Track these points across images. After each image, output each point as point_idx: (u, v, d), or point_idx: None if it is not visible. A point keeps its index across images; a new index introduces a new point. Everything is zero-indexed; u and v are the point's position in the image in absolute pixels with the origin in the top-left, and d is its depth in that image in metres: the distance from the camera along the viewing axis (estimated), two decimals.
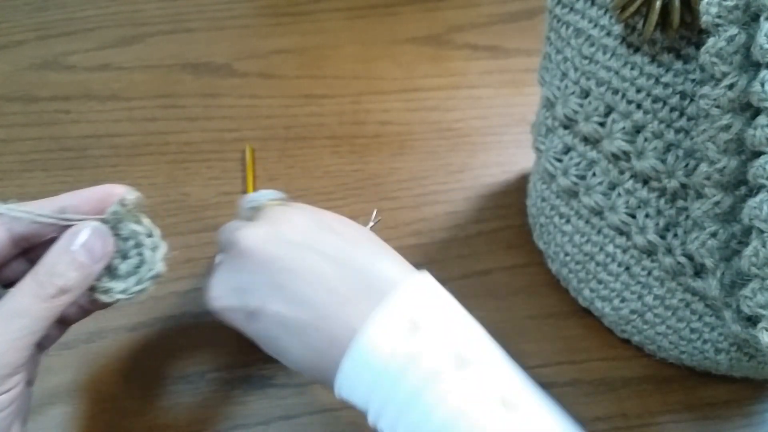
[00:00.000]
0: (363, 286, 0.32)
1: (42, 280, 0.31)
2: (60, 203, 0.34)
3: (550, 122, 0.44)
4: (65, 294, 0.32)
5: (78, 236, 0.33)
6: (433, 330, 0.31)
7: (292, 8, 0.69)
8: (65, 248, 0.32)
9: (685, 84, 0.35)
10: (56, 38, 0.64)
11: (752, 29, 0.29)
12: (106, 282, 0.34)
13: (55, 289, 0.31)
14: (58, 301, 0.32)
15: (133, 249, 0.35)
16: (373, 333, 0.31)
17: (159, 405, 0.42)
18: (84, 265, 0.32)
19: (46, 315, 0.31)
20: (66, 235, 0.33)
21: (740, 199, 0.33)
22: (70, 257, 0.32)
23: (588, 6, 0.39)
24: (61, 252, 0.32)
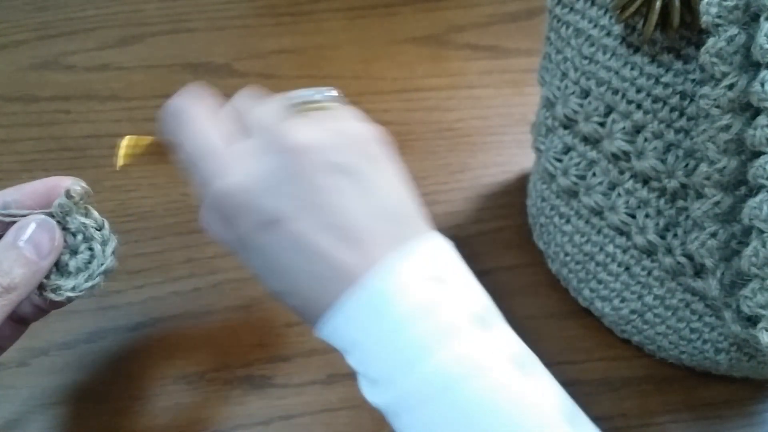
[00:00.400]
0: (392, 229, 0.30)
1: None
2: (2, 198, 0.33)
3: (550, 122, 0.44)
4: (11, 293, 0.30)
5: (24, 231, 0.31)
6: (454, 286, 0.29)
7: (292, 8, 0.69)
8: (11, 243, 0.31)
9: (685, 84, 0.35)
10: (56, 38, 0.64)
11: (752, 29, 0.29)
12: (55, 279, 0.33)
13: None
14: (3, 300, 0.30)
15: (83, 243, 0.34)
16: (389, 273, 0.28)
17: (159, 405, 0.42)
18: (31, 262, 0.31)
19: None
20: (12, 230, 0.31)
21: (740, 199, 0.33)
22: (15, 253, 0.31)
23: (588, 6, 0.39)
24: (6, 247, 0.31)
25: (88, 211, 0.34)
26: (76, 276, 0.33)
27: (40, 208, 0.33)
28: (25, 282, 0.31)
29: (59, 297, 0.33)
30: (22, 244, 0.31)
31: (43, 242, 0.32)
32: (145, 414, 0.41)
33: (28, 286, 0.31)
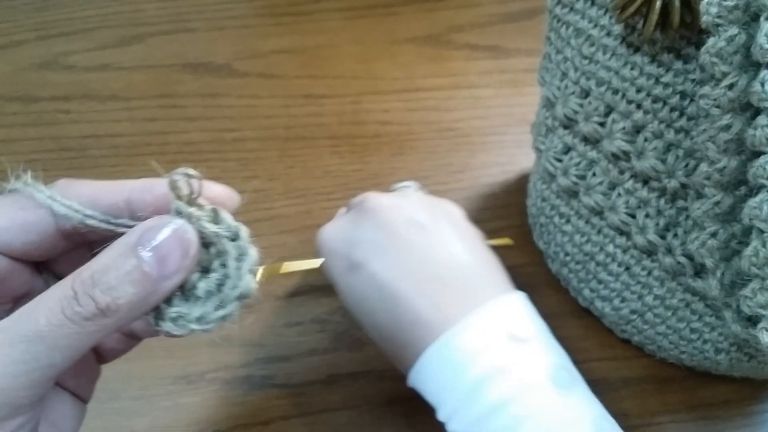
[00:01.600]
0: (466, 285, 0.32)
1: (79, 290, 0.22)
2: (124, 196, 0.25)
3: (550, 122, 0.44)
4: (109, 316, 0.22)
5: (152, 236, 0.23)
6: (530, 346, 0.31)
7: (292, 8, 0.69)
8: (129, 249, 0.23)
9: (685, 84, 0.35)
10: (56, 38, 0.64)
11: (752, 29, 0.29)
12: (177, 306, 0.24)
13: (93, 308, 0.22)
14: (94, 326, 0.22)
15: (216, 259, 0.25)
16: (467, 331, 0.30)
17: (159, 405, 0.42)
18: (149, 280, 0.23)
19: (73, 344, 0.22)
20: (136, 230, 0.23)
21: (740, 199, 0.33)
22: (130, 262, 0.23)
23: (588, 6, 0.39)
24: (119, 254, 0.23)
25: (216, 215, 0.25)
26: (204, 302, 0.25)
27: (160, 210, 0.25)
28: (132, 305, 0.23)
29: (179, 330, 0.24)
30: (143, 253, 0.23)
31: (171, 257, 0.23)
32: (145, 414, 0.41)
33: (134, 312, 0.23)
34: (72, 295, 0.22)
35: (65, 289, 0.22)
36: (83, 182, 0.26)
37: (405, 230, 0.33)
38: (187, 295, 0.25)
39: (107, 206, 0.25)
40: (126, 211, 0.25)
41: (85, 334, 0.22)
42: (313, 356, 0.44)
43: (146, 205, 0.25)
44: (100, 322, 0.22)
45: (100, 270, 0.23)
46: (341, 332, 0.45)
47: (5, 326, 0.22)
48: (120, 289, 0.22)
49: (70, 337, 0.22)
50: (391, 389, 0.42)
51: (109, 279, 0.22)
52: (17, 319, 0.22)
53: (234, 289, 0.25)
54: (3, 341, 0.22)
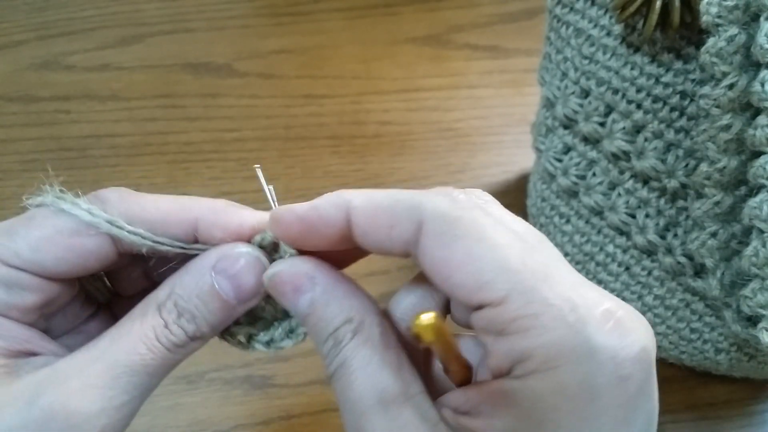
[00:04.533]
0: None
1: (168, 320, 0.23)
2: (191, 220, 0.24)
3: (550, 122, 0.45)
4: (195, 342, 0.24)
5: (228, 264, 0.24)
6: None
7: (292, 8, 0.69)
8: (204, 276, 0.23)
9: (685, 84, 0.35)
10: (56, 38, 0.64)
11: (752, 29, 0.29)
12: (245, 325, 0.26)
13: (184, 336, 0.23)
14: (183, 351, 0.24)
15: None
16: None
17: (159, 405, 0.42)
18: (228, 306, 0.24)
19: (167, 368, 0.24)
20: (209, 255, 0.24)
21: (740, 199, 0.33)
22: (209, 291, 0.23)
23: (588, 6, 0.39)
24: (196, 281, 0.23)
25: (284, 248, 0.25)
26: (271, 327, 0.26)
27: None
28: (213, 329, 0.24)
29: (248, 348, 0.26)
30: (220, 282, 0.24)
31: (247, 284, 0.24)
32: (145, 414, 0.41)
33: (214, 333, 0.25)
34: (163, 324, 0.23)
35: (154, 317, 0.23)
36: (143, 201, 0.25)
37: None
38: (254, 317, 0.26)
39: (174, 233, 0.25)
40: (191, 238, 0.25)
41: (178, 359, 0.24)
42: (313, 356, 0.44)
43: (215, 239, 0.25)
44: (189, 347, 0.24)
45: (182, 298, 0.23)
46: None
47: (99, 356, 0.22)
48: (203, 318, 0.24)
49: (166, 365, 0.23)
50: None
51: (191, 308, 0.23)
52: (109, 348, 0.22)
53: (301, 327, 0.26)
54: (103, 374, 0.22)
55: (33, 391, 0.21)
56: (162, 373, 0.24)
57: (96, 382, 0.22)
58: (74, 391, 0.21)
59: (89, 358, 0.22)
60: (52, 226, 0.24)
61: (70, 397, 0.21)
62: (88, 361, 0.22)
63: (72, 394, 0.21)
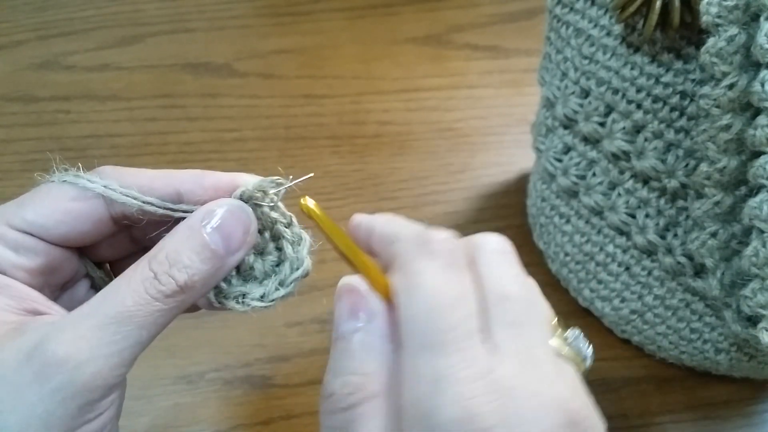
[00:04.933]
0: None
1: (158, 271, 0.24)
2: (176, 185, 0.27)
3: (550, 122, 0.44)
4: (186, 293, 0.25)
5: (212, 216, 0.25)
6: None
7: (292, 8, 0.69)
8: (194, 230, 0.25)
9: (685, 84, 0.35)
10: (56, 38, 0.64)
11: (752, 29, 0.29)
12: (238, 285, 0.27)
13: (174, 285, 0.24)
14: (174, 302, 0.25)
15: (271, 242, 0.27)
16: None
17: (159, 405, 0.42)
18: (216, 256, 0.25)
19: (157, 321, 0.24)
20: (197, 214, 0.26)
21: (740, 199, 0.33)
22: (199, 242, 0.25)
23: (588, 6, 0.39)
24: (187, 235, 0.25)
25: (276, 204, 0.27)
26: (263, 282, 0.27)
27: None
28: (204, 281, 0.25)
29: (244, 308, 0.27)
30: (209, 233, 0.25)
31: (234, 233, 0.26)
32: (145, 414, 0.41)
33: (205, 287, 0.26)
34: (152, 276, 0.24)
35: (144, 271, 0.24)
36: (134, 171, 0.28)
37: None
38: (245, 276, 0.27)
39: (160, 196, 0.27)
40: (177, 200, 0.27)
41: (167, 310, 0.24)
42: (313, 356, 0.44)
43: (197, 196, 0.27)
44: (179, 298, 0.25)
45: (173, 252, 0.25)
46: None
47: (90, 311, 0.24)
48: (193, 267, 0.25)
49: (155, 315, 0.24)
50: None
51: (182, 259, 0.25)
52: (101, 303, 0.24)
53: (296, 270, 0.27)
54: (93, 326, 0.23)
55: (33, 343, 0.23)
56: (153, 324, 0.24)
57: (85, 334, 0.23)
58: (65, 341, 0.23)
59: (82, 314, 0.24)
60: (54, 194, 0.27)
61: (60, 347, 0.23)
62: (81, 316, 0.24)
63: (63, 344, 0.23)
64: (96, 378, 0.23)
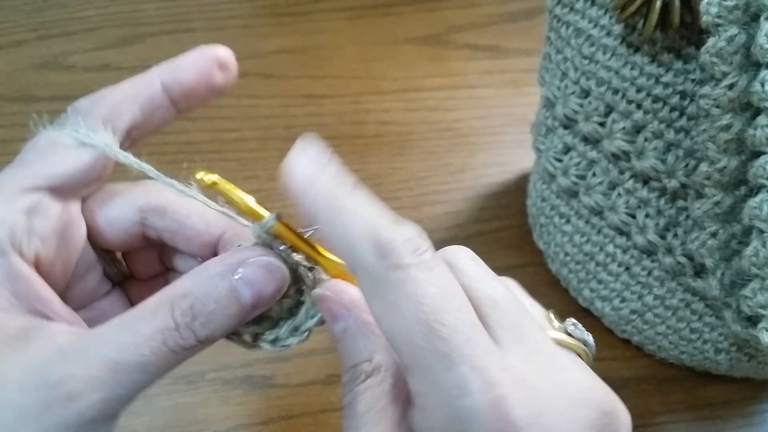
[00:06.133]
0: None
1: (180, 323, 0.23)
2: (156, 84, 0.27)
3: (550, 122, 0.44)
4: (204, 346, 0.23)
5: (249, 271, 0.24)
6: None
7: (292, 8, 0.69)
8: (225, 280, 0.23)
9: (685, 84, 0.35)
10: (56, 38, 0.64)
11: (752, 29, 0.29)
12: (252, 326, 0.26)
13: (194, 340, 0.23)
14: (188, 356, 0.23)
15: (292, 286, 0.25)
16: None
17: (159, 405, 0.42)
18: (244, 312, 0.24)
19: (169, 369, 0.23)
20: (229, 258, 0.24)
21: (740, 199, 0.33)
22: (228, 295, 0.23)
23: (588, 6, 0.39)
24: (216, 284, 0.23)
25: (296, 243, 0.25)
26: (277, 323, 0.26)
27: (198, 86, 0.27)
28: (223, 334, 0.24)
29: (254, 347, 0.26)
30: (241, 286, 0.23)
31: (266, 291, 0.24)
32: (145, 414, 0.41)
33: (222, 336, 0.24)
34: (174, 327, 0.23)
35: (165, 320, 0.23)
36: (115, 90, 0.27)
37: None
38: (260, 316, 0.25)
39: (151, 98, 0.27)
40: (165, 97, 0.27)
41: (182, 360, 0.23)
42: (313, 356, 0.44)
43: (182, 84, 0.27)
44: (197, 351, 0.23)
45: (199, 302, 0.23)
46: None
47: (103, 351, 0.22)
48: (217, 321, 0.23)
49: (169, 365, 0.23)
50: None
51: (208, 312, 0.23)
52: (116, 342, 0.22)
53: (311, 318, 0.26)
54: (107, 367, 0.22)
55: (39, 365, 0.22)
56: (163, 373, 0.24)
57: (99, 375, 0.22)
58: (77, 377, 0.22)
59: (96, 348, 0.23)
60: (60, 142, 0.26)
61: (72, 382, 0.22)
62: (95, 353, 0.23)
63: (74, 380, 0.22)
64: (102, 414, 0.23)
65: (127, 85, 0.27)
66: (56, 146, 0.26)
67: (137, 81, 0.27)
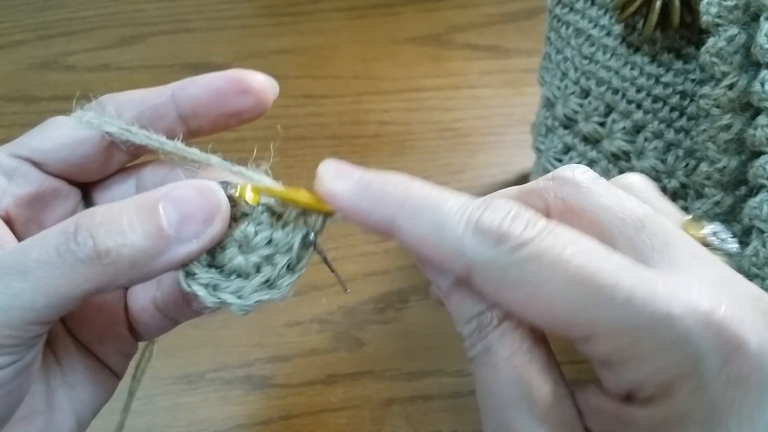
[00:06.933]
0: None
1: (81, 226, 0.20)
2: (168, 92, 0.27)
3: (550, 122, 0.44)
4: (104, 264, 0.20)
5: (177, 188, 0.22)
6: None
7: (292, 8, 0.69)
8: (150, 197, 0.21)
9: (685, 84, 0.35)
10: (56, 38, 0.64)
11: (752, 29, 0.29)
12: (211, 273, 0.23)
13: (90, 249, 0.20)
14: (85, 271, 0.20)
15: (266, 247, 0.24)
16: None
17: (159, 405, 0.42)
18: (163, 236, 0.21)
19: (58, 288, 0.20)
20: (162, 187, 0.22)
21: (740, 199, 0.33)
22: (148, 213, 0.21)
23: (588, 6, 0.39)
24: (139, 201, 0.21)
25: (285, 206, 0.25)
26: (240, 279, 0.23)
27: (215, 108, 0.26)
28: (134, 261, 0.20)
29: (211, 299, 0.23)
30: (166, 208, 0.21)
31: (194, 219, 0.22)
32: (145, 414, 0.41)
33: (134, 269, 0.21)
34: (72, 230, 0.20)
35: (68, 223, 0.21)
36: (127, 93, 0.28)
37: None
38: (223, 268, 0.23)
39: (156, 106, 0.27)
40: (173, 109, 0.27)
41: (73, 279, 0.20)
42: (313, 356, 0.44)
43: (191, 98, 0.26)
44: (93, 269, 0.20)
45: (114, 211, 0.21)
46: (341, 332, 0.45)
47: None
48: (128, 236, 0.20)
49: (56, 279, 0.20)
50: (391, 389, 0.42)
51: (121, 222, 0.20)
52: (11, 249, 0.21)
53: (290, 270, 0.24)
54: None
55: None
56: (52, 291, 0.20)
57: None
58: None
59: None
60: (61, 123, 0.27)
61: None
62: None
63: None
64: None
65: (142, 90, 0.28)
66: (52, 125, 0.27)
67: (153, 88, 0.28)
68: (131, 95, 0.28)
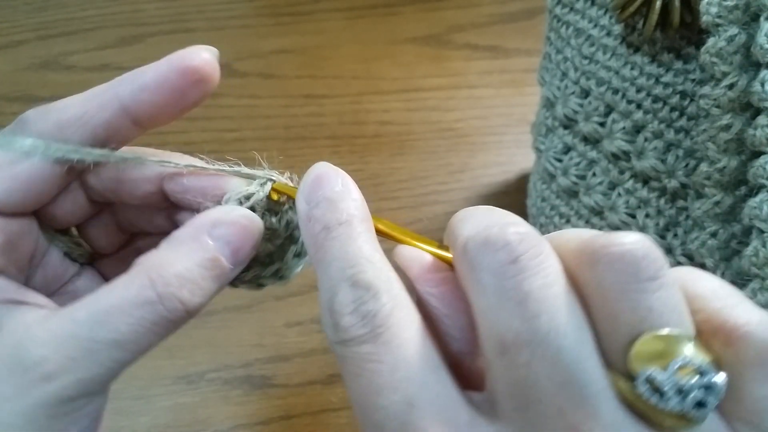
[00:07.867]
0: None
1: (163, 294, 0.22)
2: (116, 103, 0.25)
3: (550, 122, 0.44)
4: (191, 316, 0.22)
5: (220, 226, 0.23)
6: None
7: (292, 8, 0.69)
8: (201, 243, 0.22)
9: (685, 84, 0.35)
10: (56, 38, 0.64)
11: (752, 29, 0.29)
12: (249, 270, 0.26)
13: (182, 311, 0.22)
14: (175, 327, 0.22)
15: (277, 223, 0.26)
16: None
17: (159, 405, 0.42)
18: (226, 272, 0.23)
19: (153, 344, 0.22)
20: (200, 221, 0.23)
21: (740, 199, 0.33)
22: (209, 257, 0.22)
23: (588, 6, 0.39)
24: (194, 248, 0.22)
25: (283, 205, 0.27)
26: (276, 261, 0.26)
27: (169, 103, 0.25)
28: (209, 300, 0.23)
29: (259, 287, 0.27)
30: (218, 247, 0.23)
31: (244, 247, 0.23)
32: (145, 414, 0.41)
33: (206, 302, 0.23)
34: (156, 300, 0.21)
35: (144, 289, 0.21)
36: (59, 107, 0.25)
37: None
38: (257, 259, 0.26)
39: (107, 123, 0.25)
40: (126, 119, 0.25)
41: (166, 334, 0.22)
42: (313, 356, 0.44)
43: (148, 105, 0.25)
44: (182, 322, 0.22)
45: (184, 270, 0.22)
46: None
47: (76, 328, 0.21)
48: (205, 289, 0.22)
49: (151, 340, 0.22)
50: None
51: (195, 277, 0.22)
52: (90, 319, 0.21)
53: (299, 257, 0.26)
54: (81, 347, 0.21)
55: (13, 352, 0.21)
56: (145, 348, 0.22)
57: (73, 355, 0.21)
58: (53, 362, 0.21)
59: (67, 328, 0.22)
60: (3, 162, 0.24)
61: (48, 366, 0.21)
62: (67, 333, 0.21)
63: (50, 365, 0.21)
64: (82, 392, 0.21)
65: (80, 102, 0.25)
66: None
67: (92, 99, 0.25)
68: (68, 112, 0.25)
